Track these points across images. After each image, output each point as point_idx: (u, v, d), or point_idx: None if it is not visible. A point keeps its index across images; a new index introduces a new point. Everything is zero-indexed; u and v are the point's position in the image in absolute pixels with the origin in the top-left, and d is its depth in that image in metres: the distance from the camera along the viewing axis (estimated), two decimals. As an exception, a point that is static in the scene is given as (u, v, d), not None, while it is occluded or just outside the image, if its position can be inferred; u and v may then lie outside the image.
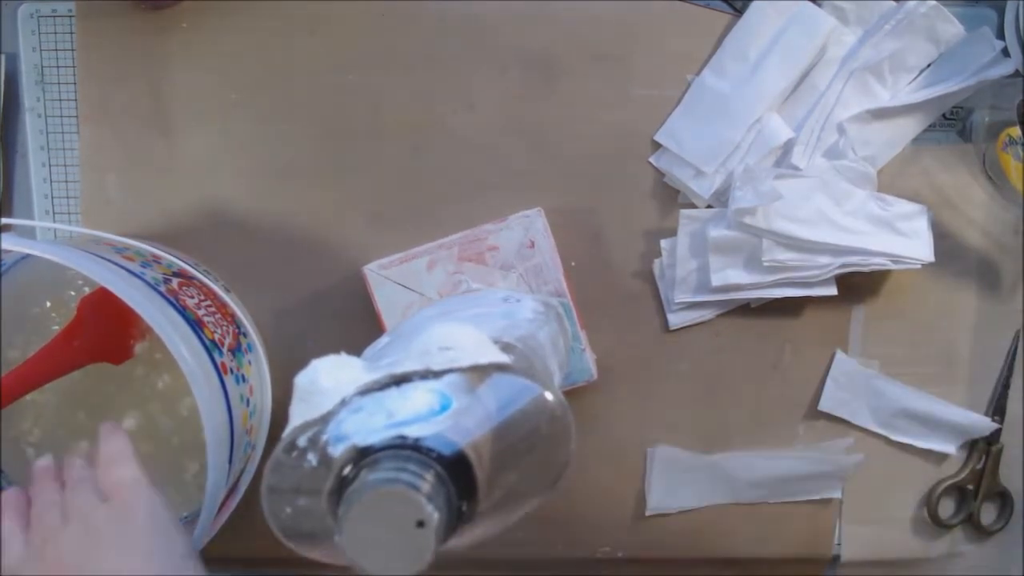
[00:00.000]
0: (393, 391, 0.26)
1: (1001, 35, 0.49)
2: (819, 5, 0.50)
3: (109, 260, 0.41)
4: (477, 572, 0.54)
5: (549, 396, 0.26)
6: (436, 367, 0.26)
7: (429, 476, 0.22)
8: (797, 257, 0.49)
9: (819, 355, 0.53)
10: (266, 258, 0.52)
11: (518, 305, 0.39)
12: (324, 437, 0.25)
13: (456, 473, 0.23)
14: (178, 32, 0.51)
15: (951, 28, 0.49)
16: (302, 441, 0.25)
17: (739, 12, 0.51)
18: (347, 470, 0.24)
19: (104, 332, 0.47)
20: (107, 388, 0.49)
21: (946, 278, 0.53)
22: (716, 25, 0.51)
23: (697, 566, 0.55)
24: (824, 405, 0.53)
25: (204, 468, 0.40)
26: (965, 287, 0.53)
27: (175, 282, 0.44)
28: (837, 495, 0.54)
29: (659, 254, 0.52)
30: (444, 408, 0.25)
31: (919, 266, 0.50)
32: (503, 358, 0.27)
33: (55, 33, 0.51)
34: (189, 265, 0.45)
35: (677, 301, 0.52)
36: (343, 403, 0.25)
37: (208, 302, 0.45)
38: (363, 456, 0.24)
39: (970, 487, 0.54)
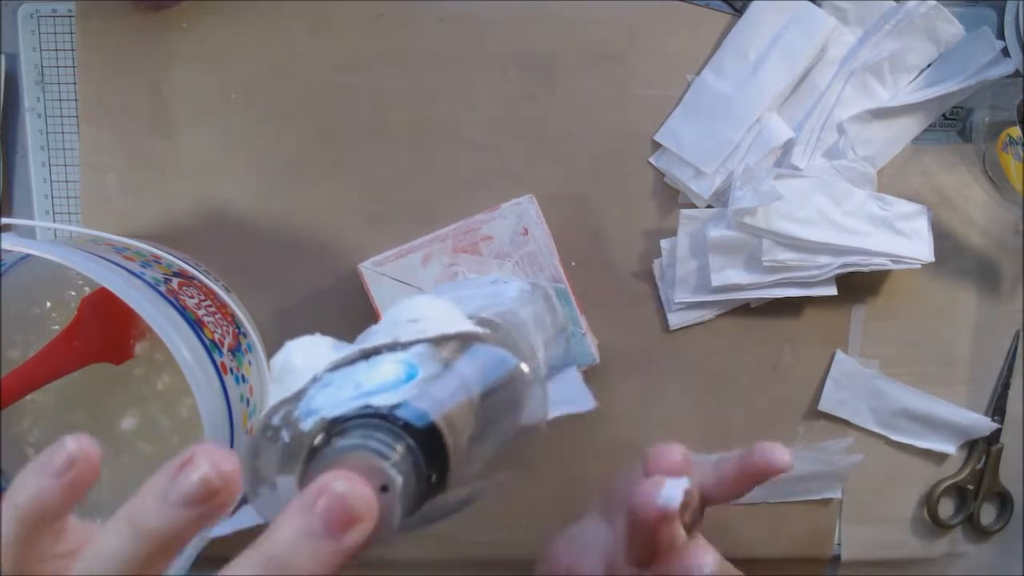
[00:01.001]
0: (362, 364, 0.26)
1: (1001, 35, 0.49)
2: (819, 5, 0.50)
3: (109, 260, 0.41)
4: (477, 572, 0.54)
5: (525, 368, 0.26)
6: (404, 339, 0.26)
7: (396, 444, 0.22)
8: (797, 257, 0.49)
9: (819, 355, 0.53)
10: (266, 258, 0.52)
11: (505, 286, 0.39)
12: (296, 413, 0.25)
13: (426, 442, 0.23)
14: (178, 32, 0.51)
15: (951, 28, 0.49)
16: (276, 420, 0.25)
17: (739, 12, 0.51)
18: (318, 440, 0.24)
19: (104, 332, 0.47)
20: (107, 388, 0.49)
21: (946, 278, 0.53)
22: (716, 25, 0.51)
23: (697, 566, 0.55)
24: (824, 405, 0.53)
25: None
26: (965, 287, 0.53)
27: (175, 282, 0.44)
28: (837, 495, 0.54)
29: (659, 254, 0.52)
30: (410, 377, 0.25)
31: (919, 266, 0.50)
32: (472, 328, 0.27)
33: (55, 33, 0.51)
34: (189, 265, 0.45)
35: (677, 301, 0.52)
36: (314, 380, 0.26)
37: (208, 302, 0.45)
38: (332, 427, 0.24)
39: (970, 487, 0.54)
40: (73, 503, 0.22)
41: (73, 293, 0.49)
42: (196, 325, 0.42)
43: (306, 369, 0.26)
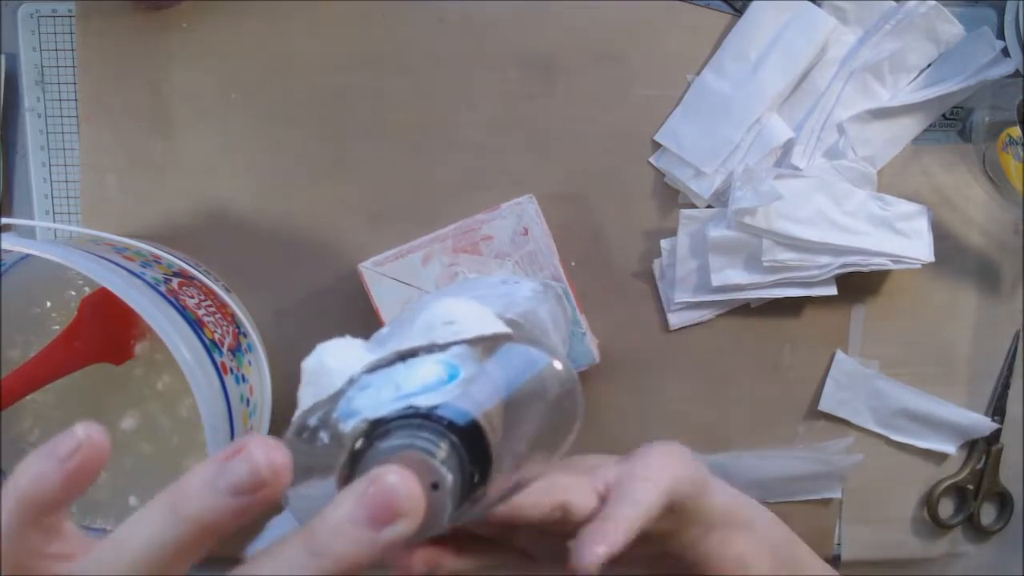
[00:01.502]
0: (400, 366, 0.26)
1: (1001, 35, 0.49)
2: (819, 5, 0.50)
3: (109, 260, 0.41)
4: (477, 572, 0.54)
5: (558, 365, 0.27)
6: (441, 340, 0.26)
7: (442, 442, 0.23)
8: (797, 257, 0.49)
9: (819, 355, 0.53)
10: (266, 258, 0.52)
11: (516, 286, 0.39)
12: (335, 415, 0.25)
13: (468, 441, 0.23)
14: (178, 32, 0.51)
15: (951, 28, 0.49)
16: (312, 421, 0.25)
17: (739, 12, 0.51)
18: (359, 443, 0.24)
19: (104, 332, 0.47)
20: (107, 388, 0.49)
21: (946, 278, 0.53)
22: (716, 25, 0.51)
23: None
24: (824, 405, 0.53)
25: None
26: (965, 287, 0.53)
27: (175, 282, 0.44)
28: (837, 495, 0.54)
29: (659, 254, 0.52)
30: (452, 378, 0.25)
31: (919, 266, 0.50)
32: (506, 329, 0.27)
33: (55, 33, 0.51)
34: (189, 265, 0.45)
35: (677, 301, 0.52)
36: (351, 382, 0.26)
37: (208, 302, 0.45)
38: (375, 429, 0.24)
39: (970, 487, 0.54)
40: (74, 492, 0.21)
41: (73, 293, 0.49)
42: (196, 325, 0.42)
43: (340, 371, 0.26)
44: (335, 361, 0.26)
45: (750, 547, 0.34)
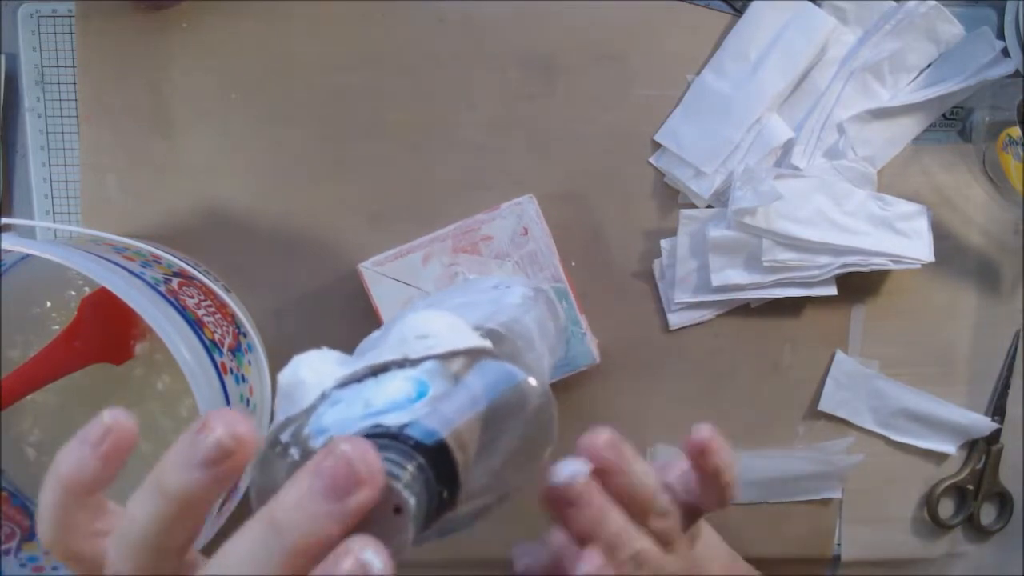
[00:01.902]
0: (371, 382, 0.26)
1: (1001, 35, 0.49)
2: (819, 5, 0.50)
3: (109, 260, 0.41)
4: (477, 572, 0.54)
5: (532, 382, 0.26)
6: (413, 355, 0.26)
7: (407, 464, 0.22)
8: (797, 257, 0.49)
9: (819, 355, 0.53)
10: (266, 258, 0.52)
11: (507, 291, 0.39)
12: (305, 431, 0.25)
13: (436, 460, 0.23)
14: (178, 32, 0.51)
15: (951, 28, 0.49)
16: (285, 436, 0.25)
17: (739, 12, 0.51)
18: None
19: (104, 332, 0.47)
20: (107, 388, 0.49)
21: (946, 278, 0.53)
22: (716, 25, 0.51)
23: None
24: (824, 405, 0.53)
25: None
26: (965, 287, 0.53)
27: (175, 282, 0.44)
28: (837, 495, 0.54)
29: (659, 254, 0.52)
30: (420, 395, 0.25)
31: (919, 266, 0.50)
32: (481, 343, 0.27)
33: (55, 33, 0.51)
34: (189, 265, 0.45)
35: (677, 301, 0.52)
36: (323, 397, 0.25)
37: (208, 302, 0.45)
38: None
39: (970, 487, 0.54)
40: (111, 473, 0.23)
41: (73, 293, 0.49)
42: (196, 325, 0.42)
43: (314, 384, 0.26)
44: (310, 374, 0.26)
45: None
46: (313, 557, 0.19)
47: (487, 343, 0.27)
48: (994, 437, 0.54)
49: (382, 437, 0.23)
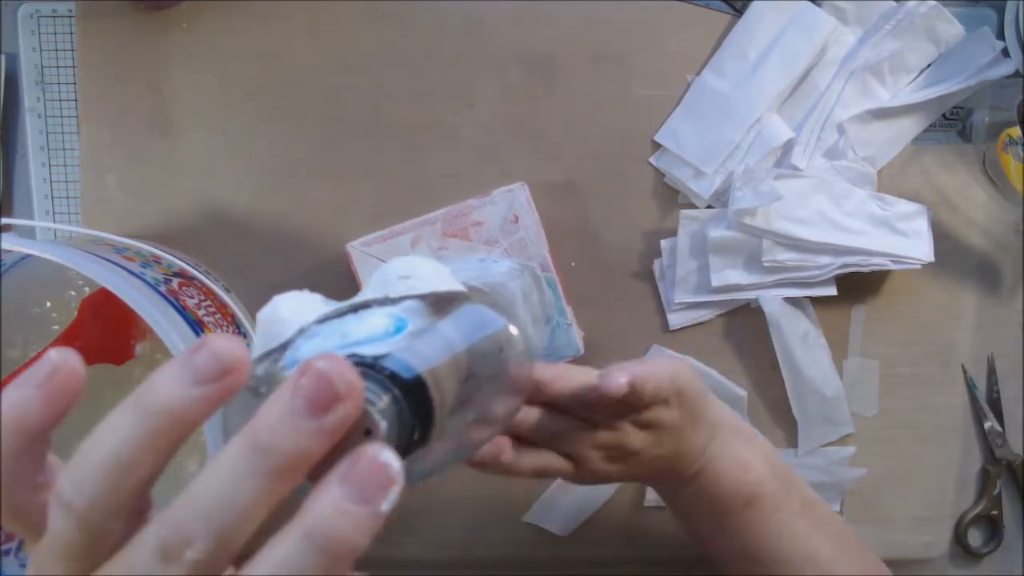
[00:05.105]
0: (351, 317, 0.25)
1: (1001, 35, 0.49)
2: (819, 5, 0.50)
3: (109, 260, 0.41)
4: (477, 572, 0.54)
5: (513, 330, 0.26)
6: (394, 294, 0.26)
7: (383, 393, 0.22)
8: (797, 257, 0.49)
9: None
10: (266, 258, 0.52)
11: (494, 264, 0.39)
12: (279, 364, 0.24)
13: (411, 395, 0.23)
14: (178, 32, 0.51)
15: (951, 28, 0.49)
16: (259, 371, 0.24)
17: (739, 12, 0.51)
18: None
19: (104, 332, 0.47)
20: (107, 388, 0.49)
21: (946, 278, 0.53)
22: (716, 25, 0.51)
23: (697, 566, 0.55)
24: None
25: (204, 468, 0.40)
26: (965, 287, 0.53)
27: (175, 282, 0.44)
28: (835, 508, 0.54)
29: (659, 254, 0.52)
30: (399, 330, 0.24)
31: (919, 266, 0.50)
32: (462, 287, 0.27)
33: (55, 33, 0.51)
34: (189, 265, 0.45)
35: (677, 301, 0.52)
36: (301, 331, 0.25)
37: (208, 302, 0.45)
38: None
39: (994, 513, 0.54)
40: (56, 416, 0.22)
41: (73, 293, 0.49)
42: (196, 325, 0.42)
43: (293, 322, 0.25)
44: (289, 312, 0.26)
45: (747, 452, 0.41)
46: (293, 479, 0.19)
47: (468, 288, 0.27)
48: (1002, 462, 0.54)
49: (358, 366, 0.22)
